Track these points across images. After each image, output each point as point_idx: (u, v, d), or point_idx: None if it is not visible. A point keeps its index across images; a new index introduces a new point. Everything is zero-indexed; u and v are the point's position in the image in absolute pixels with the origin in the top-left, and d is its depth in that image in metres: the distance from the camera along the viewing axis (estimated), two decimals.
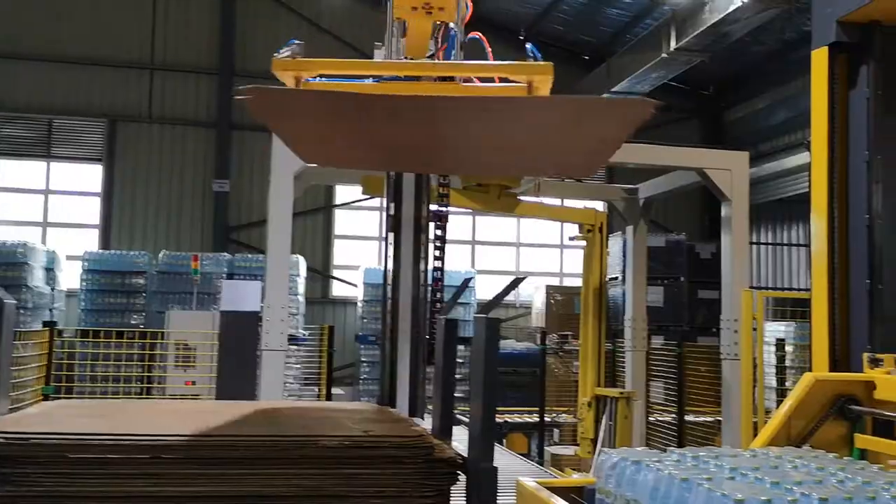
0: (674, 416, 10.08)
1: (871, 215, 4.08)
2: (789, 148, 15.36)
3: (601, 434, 8.00)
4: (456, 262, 16.16)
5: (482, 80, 3.11)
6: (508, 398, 13.17)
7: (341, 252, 16.73)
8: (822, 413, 3.60)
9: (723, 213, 7.78)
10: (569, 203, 11.91)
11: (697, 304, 13.24)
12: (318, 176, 8.62)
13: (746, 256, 7.70)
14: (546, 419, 10.66)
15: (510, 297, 17.26)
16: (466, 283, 2.78)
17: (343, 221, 16.83)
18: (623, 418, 7.85)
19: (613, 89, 13.80)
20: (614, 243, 12.25)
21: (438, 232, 5.17)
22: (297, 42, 3.00)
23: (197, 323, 9.67)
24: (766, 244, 17.59)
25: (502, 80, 3.06)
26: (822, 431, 3.59)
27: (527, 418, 11.13)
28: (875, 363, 3.75)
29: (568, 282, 16.47)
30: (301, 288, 11.49)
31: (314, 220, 16.42)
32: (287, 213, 6.02)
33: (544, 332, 11.60)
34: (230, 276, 11.84)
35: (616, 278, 12.33)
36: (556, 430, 10.97)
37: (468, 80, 3.04)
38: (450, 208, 5.85)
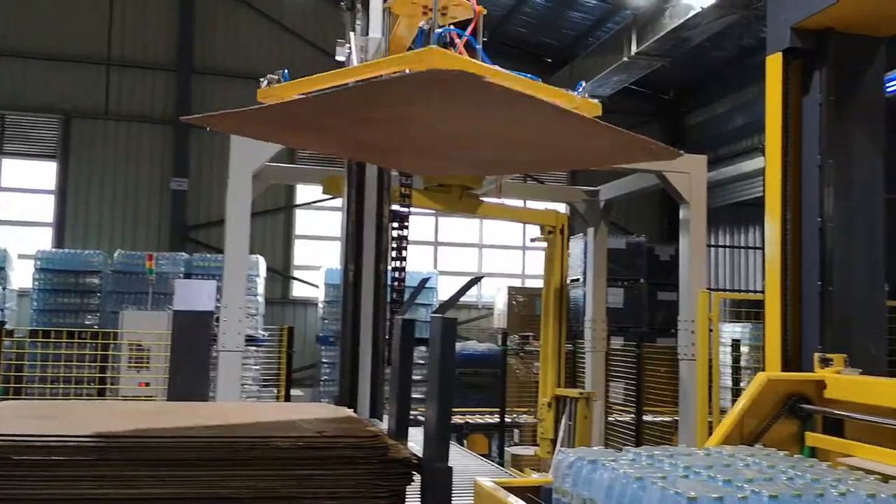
0: (632, 416, 10.19)
1: (822, 218, 4.16)
2: (747, 152, 15.63)
3: (561, 434, 8.05)
4: (418, 263, 16.16)
5: None
6: (470, 399, 13.20)
7: (302, 252, 16.59)
8: (775, 412, 3.66)
9: (681, 215, 7.88)
10: (531, 205, 11.99)
11: (657, 305, 13.40)
12: (279, 175, 8.54)
13: (704, 258, 7.81)
14: (507, 420, 10.70)
15: (472, 299, 17.36)
16: (424, 283, 2.78)
17: (304, 221, 16.70)
18: (582, 418, 7.91)
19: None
20: (576, 245, 12.33)
21: (400, 232, 5.16)
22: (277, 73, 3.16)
23: (151, 323, 9.50)
24: (724, 247, 17.87)
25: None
26: (774, 430, 3.65)
27: (488, 419, 11.16)
28: (825, 363, 3.83)
29: (530, 283, 16.56)
30: (260, 288, 11.39)
31: (274, 220, 16.27)
32: (245, 212, 5.96)
33: (505, 333, 11.63)
34: (188, 276, 11.67)
35: (577, 280, 12.42)
36: (516, 431, 11.02)
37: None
38: (412, 209, 5.85)
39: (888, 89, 10.83)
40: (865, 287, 4.23)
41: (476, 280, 2.17)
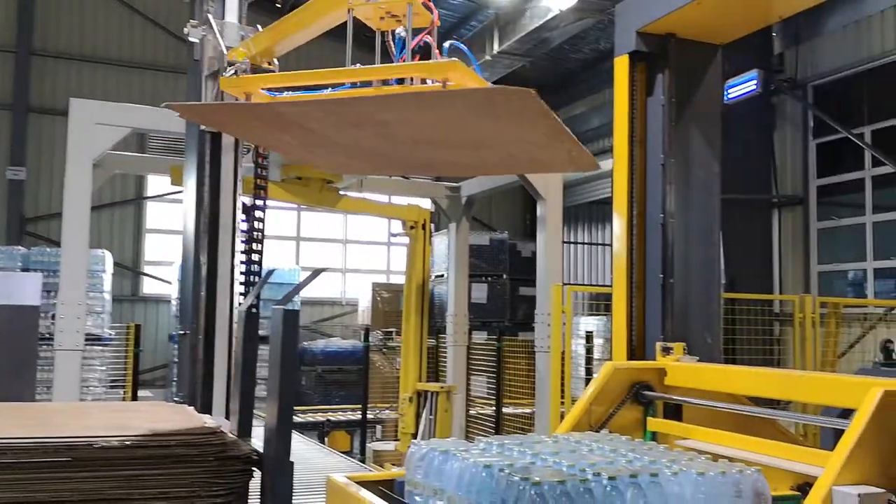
0: (493, 408, 10.39)
1: (665, 214, 4.38)
2: (603, 152, 16.27)
3: (421, 428, 8.10)
4: (280, 258, 15.82)
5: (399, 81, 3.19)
6: (333, 396, 13.08)
7: (153, 247, 15.82)
8: (620, 399, 3.82)
9: (538, 212, 8.10)
10: (396, 200, 12.00)
11: (519, 300, 13.73)
12: (125, 164, 8.10)
13: (559, 253, 8.06)
14: (369, 416, 10.66)
15: (335, 295, 17.15)
16: (268, 276, 2.70)
17: (155, 214, 15.92)
18: (443, 412, 7.99)
19: None
20: (440, 241, 12.44)
21: (255, 225, 5.01)
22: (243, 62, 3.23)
23: None
24: (583, 243, 18.55)
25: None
26: (619, 416, 3.81)
27: (350, 416, 11.08)
28: (666, 351, 4.03)
29: (395, 279, 16.57)
30: (107, 284, 10.78)
31: (123, 213, 15.44)
32: (84, 202, 5.61)
33: (368, 329, 11.59)
34: (25, 271, 10.90)
35: (442, 276, 12.55)
36: (379, 427, 11.00)
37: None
38: (267, 201, 5.69)
39: (728, 96, 11.59)
40: (703, 280, 4.49)
41: (318, 272, 2.13)
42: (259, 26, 4.59)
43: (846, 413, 2.65)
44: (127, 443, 1.78)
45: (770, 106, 13.13)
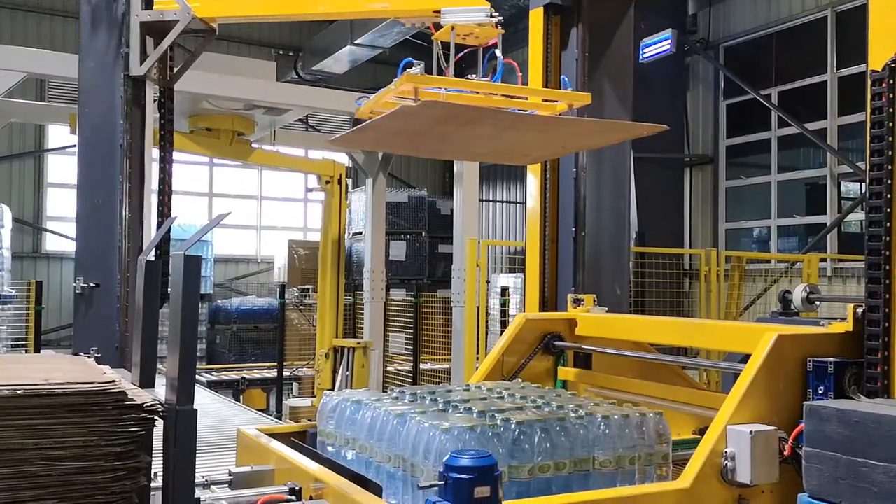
0: (411, 365, 10.47)
1: (577, 168, 4.44)
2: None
3: (338, 384, 8.10)
4: (192, 214, 15.40)
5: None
6: (250, 355, 12.93)
7: (56, 202, 15.08)
8: (532, 350, 3.90)
9: (455, 169, 8.11)
10: (312, 154, 11.79)
11: (438, 257, 13.77)
12: (21, 112, 7.66)
13: (475, 210, 8.11)
14: (286, 374, 10.59)
15: (250, 253, 16.84)
16: (169, 224, 2.63)
17: (57, 168, 15.16)
18: (360, 368, 8.00)
19: (356, 42, 13.76)
20: (358, 198, 12.33)
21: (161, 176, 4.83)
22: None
23: None
24: (502, 202, 18.69)
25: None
26: (531, 366, 3.89)
27: (266, 374, 10.99)
28: (577, 303, 4.12)
29: (312, 236, 16.38)
30: (6, 241, 10.27)
31: (22, 165, 14.65)
32: None
33: (283, 286, 11.47)
34: None
35: (360, 233, 12.47)
36: (295, 384, 10.95)
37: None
38: (180, 155, 5.51)
39: (643, 56, 11.77)
40: (613, 233, 4.59)
41: (221, 217, 2.08)
42: None
43: (747, 359, 2.76)
44: (19, 392, 1.71)
45: (684, 66, 13.41)
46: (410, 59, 3.33)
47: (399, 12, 4.33)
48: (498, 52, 3.50)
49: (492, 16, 3.58)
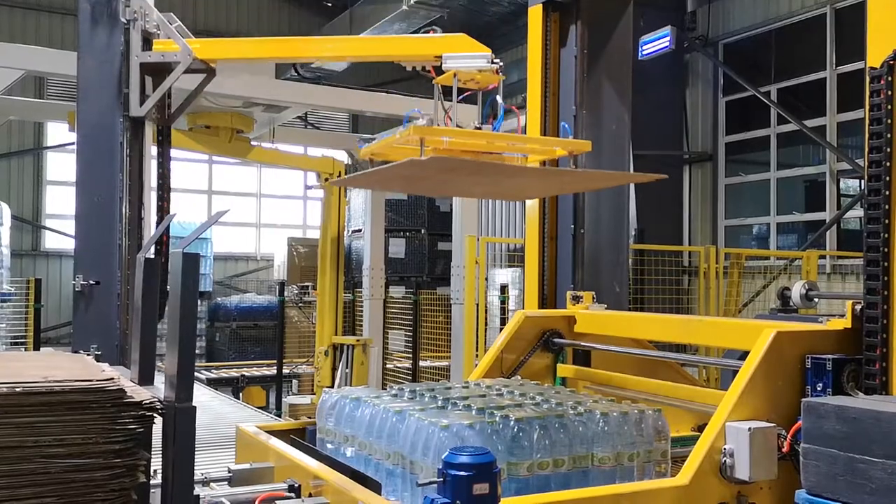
0: (411, 362, 10.47)
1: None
2: (521, 107, 16.32)
3: (337, 381, 8.10)
4: (192, 212, 15.39)
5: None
6: (250, 352, 12.94)
7: (55, 199, 15.05)
8: (531, 346, 3.90)
9: None
10: (311, 152, 11.78)
11: (437, 255, 13.75)
12: (19, 110, 7.65)
13: (475, 207, 8.10)
14: (286, 371, 10.60)
15: (250, 251, 16.83)
16: (168, 221, 2.64)
17: (56, 166, 15.13)
18: (359, 365, 8.00)
19: None
20: (358, 195, 12.32)
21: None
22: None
23: None
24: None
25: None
26: (530, 363, 3.89)
27: (266, 371, 10.99)
28: (576, 300, 4.12)
29: (312, 234, 16.37)
30: (5, 239, 10.28)
31: (21, 163, 14.64)
32: None
33: (283, 283, 11.46)
34: None
35: (359, 230, 12.45)
36: (295, 382, 10.95)
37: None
38: (180, 152, 5.52)
39: (642, 53, 11.76)
40: (612, 230, 4.58)
41: (220, 214, 2.08)
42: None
43: (745, 356, 2.77)
44: (17, 389, 1.71)
45: (683, 63, 13.41)
46: (416, 109, 3.41)
47: (401, 57, 4.36)
48: (499, 98, 3.56)
49: (493, 62, 3.62)
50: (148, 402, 1.85)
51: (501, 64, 3.68)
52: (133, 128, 4.51)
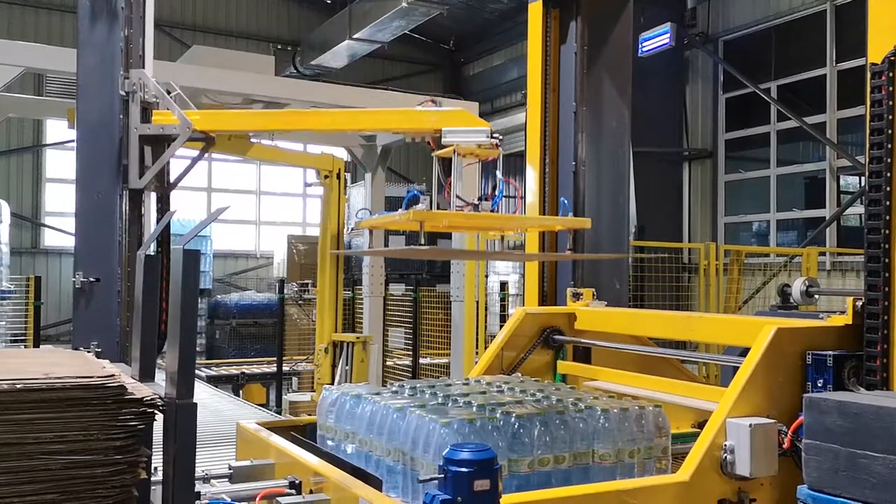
0: (411, 359, 10.47)
1: (576, 162, 4.43)
2: (521, 104, 16.34)
3: (337, 378, 8.08)
4: (191, 210, 15.38)
5: None
6: (250, 350, 12.93)
7: (54, 197, 15.05)
8: (531, 343, 3.90)
9: (453, 163, 8.06)
10: (310, 149, 11.76)
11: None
12: (18, 107, 7.64)
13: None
14: (286, 368, 10.60)
15: (250, 248, 16.82)
16: (168, 218, 2.64)
17: (56, 163, 15.12)
18: (359, 362, 7.97)
19: (355, 36, 13.74)
20: (358, 192, 12.32)
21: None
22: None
23: None
24: (504, 196, 18.68)
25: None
26: (530, 360, 3.89)
27: (266, 369, 10.99)
28: (576, 297, 4.12)
29: (311, 231, 16.37)
30: (4, 236, 10.28)
31: (20, 161, 14.64)
32: None
33: (283, 281, 11.46)
34: None
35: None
36: (295, 379, 10.95)
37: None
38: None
39: (642, 49, 11.75)
40: (612, 227, 4.58)
41: (220, 211, 2.08)
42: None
43: (746, 353, 2.77)
44: (18, 386, 1.71)
45: (683, 60, 13.39)
46: (416, 192, 3.47)
47: (400, 131, 4.37)
48: (499, 174, 3.84)
49: (492, 136, 3.59)
50: (149, 398, 1.84)
51: (501, 138, 3.66)
52: (133, 201, 4.52)
